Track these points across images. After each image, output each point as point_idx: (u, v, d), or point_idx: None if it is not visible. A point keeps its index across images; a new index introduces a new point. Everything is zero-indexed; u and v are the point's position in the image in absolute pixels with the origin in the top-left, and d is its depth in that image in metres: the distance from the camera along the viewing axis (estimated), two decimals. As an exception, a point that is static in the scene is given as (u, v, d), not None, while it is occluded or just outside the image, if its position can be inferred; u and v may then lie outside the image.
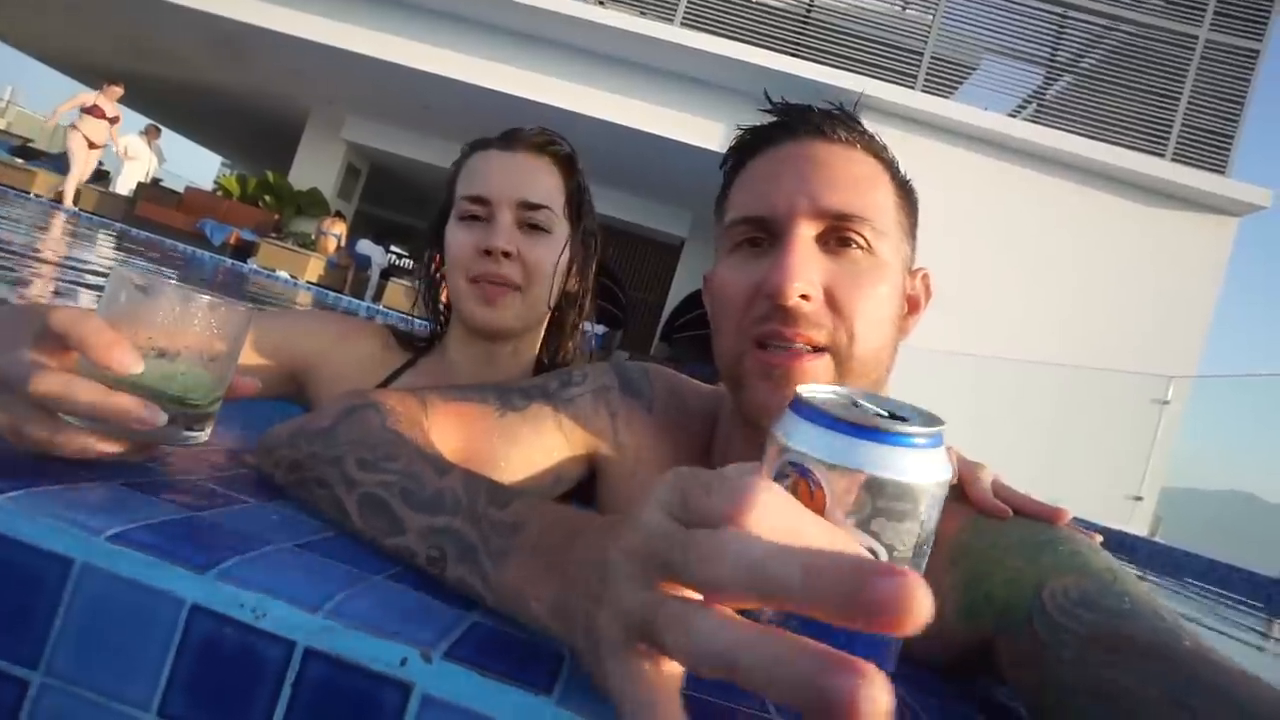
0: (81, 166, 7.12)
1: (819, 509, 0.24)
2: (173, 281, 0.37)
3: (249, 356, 0.73)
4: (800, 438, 0.24)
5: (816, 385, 0.28)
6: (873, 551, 0.24)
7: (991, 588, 0.42)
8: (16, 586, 0.28)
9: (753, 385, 0.48)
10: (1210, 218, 5.51)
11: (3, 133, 9.43)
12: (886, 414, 0.27)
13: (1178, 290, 5.43)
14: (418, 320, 0.89)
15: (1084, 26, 5.97)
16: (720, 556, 0.20)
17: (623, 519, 0.28)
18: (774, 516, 0.22)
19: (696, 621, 0.20)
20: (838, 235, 0.48)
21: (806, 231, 0.47)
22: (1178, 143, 5.48)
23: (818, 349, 0.47)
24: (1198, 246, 5.49)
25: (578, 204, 0.83)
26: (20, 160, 7.96)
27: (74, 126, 7.04)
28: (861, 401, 0.28)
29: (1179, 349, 5.40)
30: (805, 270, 0.46)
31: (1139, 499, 5.24)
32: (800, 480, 0.24)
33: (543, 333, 0.85)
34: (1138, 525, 4.88)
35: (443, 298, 0.87)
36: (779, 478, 0.25)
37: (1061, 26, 5.99)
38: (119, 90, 7.29)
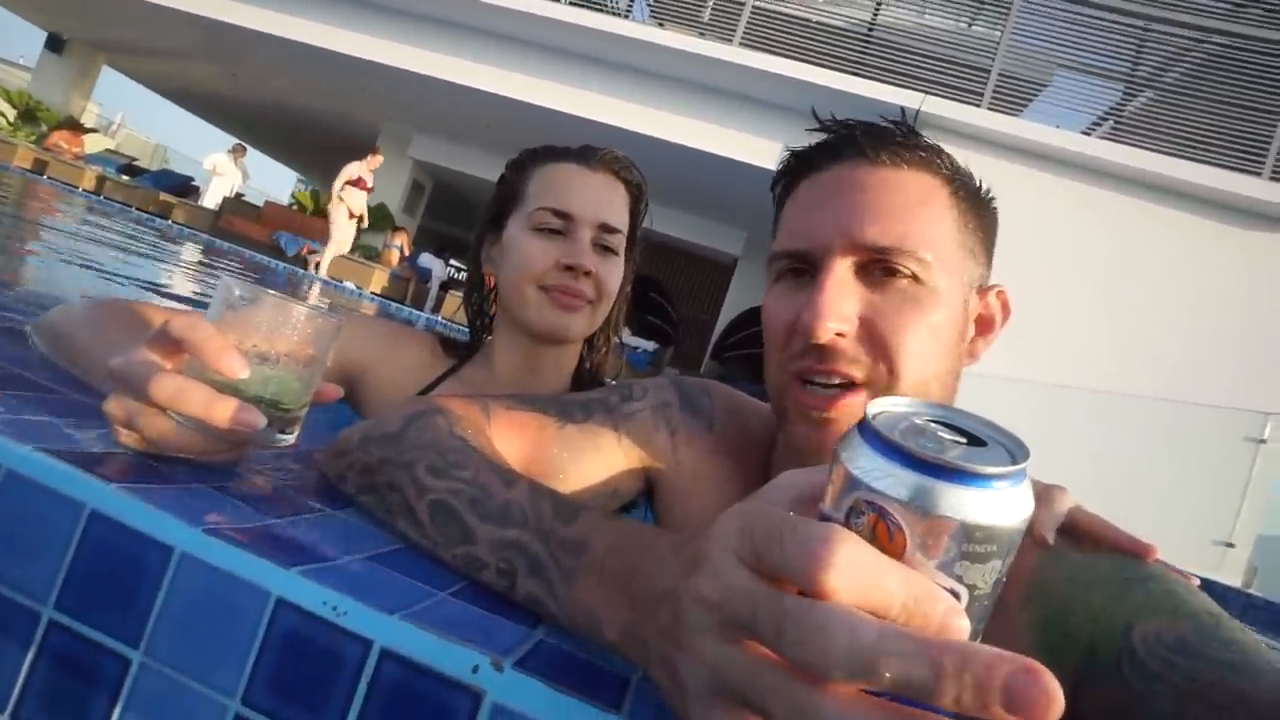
0: (342, 236, 7.18)
1: (898, 553, 0.22)
2: (273, 292, 0.40)
3: None
4: (877, 475, 0.23)
5: (885, 401, 0.26)
6: (955, 594, 0.22)
7: (1071, 627, 0.39)
8: (124, 569, 0.30)
9: (793, 423, 0.48)
10: (1314, 242, 5.08)
11: (113, 152, 10.35)
12: (965, 440, 0.25)
13: (1274, 319, 5.00)
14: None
15: (1168, 39, 5.65)
16: (824, 639, 0.20)
17: (688, 543, 0.28)
18: (854, 572, 0.21)
19: (812, 703, 0.20)
20: (880, 267, 0.46)
21: (842, 266, 0.47)
22: (1277, 159, 5.09)
23: (855, 384, 0.46)
24: (1299, 273, 5.06)
25: (635, 232, 0.86)
26: (126, 178, 8.71)
27: (340, 199, 7.13)
28: (935, 421, 0.25)
29: (1276, 383, 4.96)
30: (837, 307, 0.45)
31: (1230, 545, 4.81)
32: (879, 522, 0.22)
33: (579, 346, 0.88)
34: (1229, 574, 4.47)
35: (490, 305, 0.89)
36: (852, 514, 0.23)
37: (1142, 40, 5.69)
38: (379, 160, 7.22)
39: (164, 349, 0.38)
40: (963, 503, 0.22)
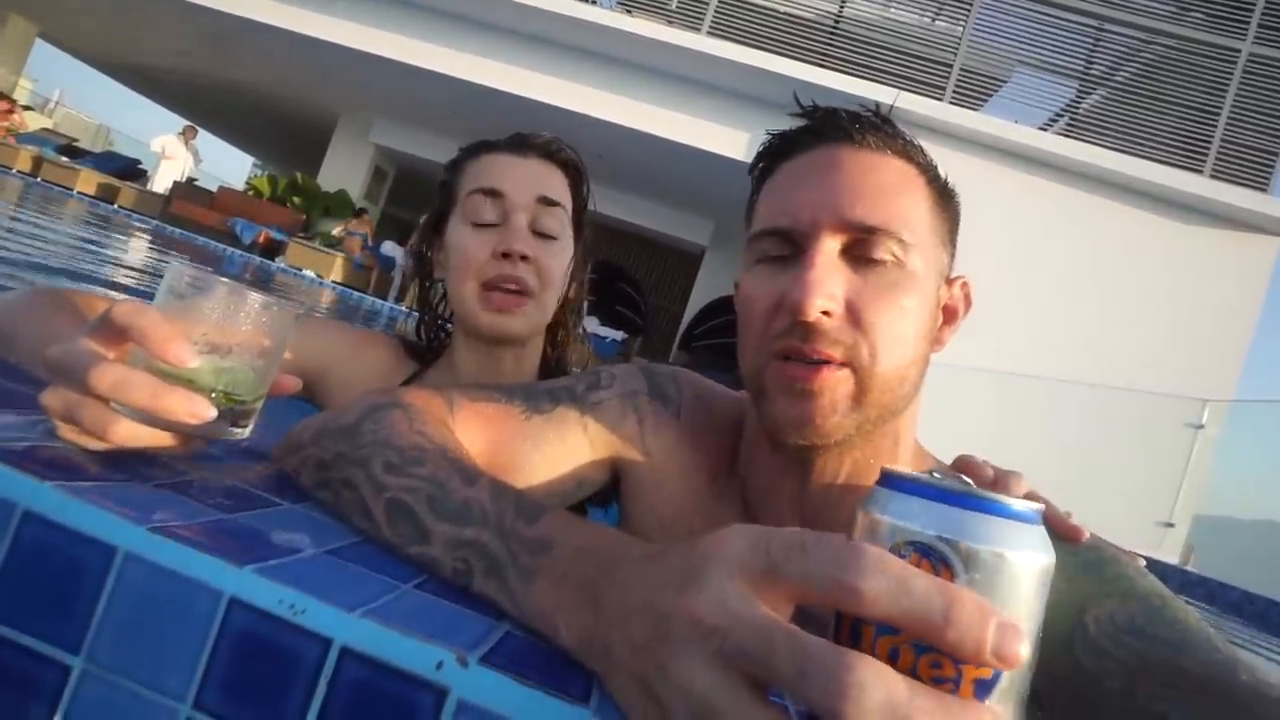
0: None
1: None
2: (225, 279, 0.38)
3: None
4: (920, 516, 0.23)
5: (899, 468, 0.26)
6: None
7: None
8: (62, 572, 0.28)
9: (774, 398, 0.47)
10: (1250, 236, 5.35)
11: (51, 132, 9.76)
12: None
13: (1214, 311, 5.27)
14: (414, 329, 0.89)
15: (1120, 39, 5.86)
16: (860, 693, 0.19)
17: (667, 554, 0.27)
18: (886, 578, 0.20)
19: None
20: (863, 247, 0.46)
21: (830, 244, 0.46)
22: (1217, 159, 5.34)
23: (839, 364, 0.46)
24: (1236, 266, 5.33)
25: (581, 213, 0.84)
26: (65, 159, 8.24)
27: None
28: (948, 478, 0.26)
29: (1215, 372, 5.23)
30: (827, 285, 0.45)
31: (1170, 525, 5.08)
32: (922, 560, 0.22)
33: (543, 339, 0.86)
34: (1168, 553, 4.73)
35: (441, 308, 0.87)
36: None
37: (1096, 39, 5.89)
38: None
39: (106, 337, 0.36)
40: (1008, 536, 0.22)
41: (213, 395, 0.36)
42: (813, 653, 0.20)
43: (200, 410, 0.35)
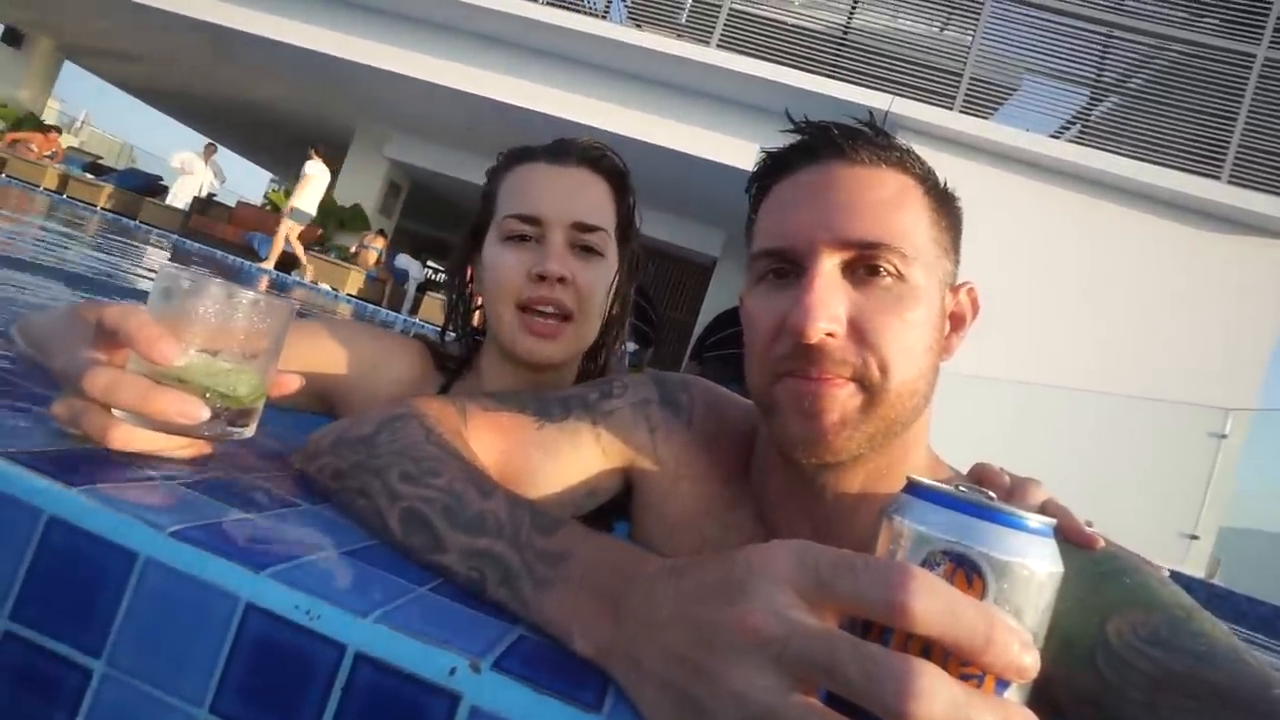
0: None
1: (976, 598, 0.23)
2: (217, 279, 0.38)
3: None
4: (952, 527, 0.24)
5: (925, 479, 0.27)
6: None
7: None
8: (84, 577, 0.28)
9: (786, 416, 0.47)
10: (1270, 242, 5.26)
11: (77, 150, 10.02)
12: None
13: (1235, 318, 5.18)
14: (449, 336, 0.84)
15: (1132, 46, 5.82)
16: (928, 697, 0.20)
17: (696, 567, 0.28)
18: (937, 601, 0.22)
19: None
20: (864, 264, 0.46)
21: (829, 264, 0.46)
22: (1234, 164, 5.26)
23: (846, 380, 0.45)
24: (1257, 272, 5.24)
25: (627, 225, 0.79)
26: (90, 176, 8.45)
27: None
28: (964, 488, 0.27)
29: (1237, 380, 5.13)
30: (827, 307, 0.44)
31: (1194, 538, 4.96)
32: (956, 570, 0.24)
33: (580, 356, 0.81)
34: (1193, 566, 4.62)
35: (475, 319, 0.83)
36: (927, 566, 0.24)
37: (1107, 46, 5.86)
38: None
39: (105, 344, 0.37)
40: (1031, 550, 0.24)
41: (206, 395, 0.36)
42: (880, 659, 0.21)
43: (191, 410, 0.35)
